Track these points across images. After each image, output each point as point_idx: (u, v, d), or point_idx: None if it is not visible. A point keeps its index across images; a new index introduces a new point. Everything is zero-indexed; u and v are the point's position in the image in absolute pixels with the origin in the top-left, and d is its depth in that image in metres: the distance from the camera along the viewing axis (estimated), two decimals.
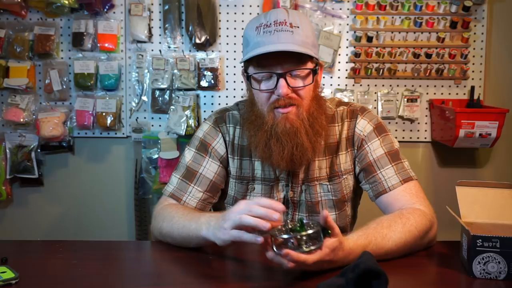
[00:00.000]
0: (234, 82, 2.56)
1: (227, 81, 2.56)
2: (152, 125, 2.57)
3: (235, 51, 2.55)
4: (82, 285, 1.18)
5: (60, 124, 2.50)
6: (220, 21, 2.53)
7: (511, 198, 1.34)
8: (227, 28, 2.54)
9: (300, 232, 1.11)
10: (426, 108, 2.57)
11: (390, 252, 1.27)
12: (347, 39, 2.54)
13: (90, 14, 2.50)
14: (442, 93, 2.57)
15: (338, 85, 2.56)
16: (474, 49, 2.54)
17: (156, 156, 2.50)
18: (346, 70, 2.55)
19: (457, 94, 2.56)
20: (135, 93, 2.54)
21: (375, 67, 2.53)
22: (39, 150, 2.55)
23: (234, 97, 2.55)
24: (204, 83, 2.50)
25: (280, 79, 1.34)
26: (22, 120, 2.50)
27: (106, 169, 2.62)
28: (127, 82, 2.56)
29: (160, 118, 2.56)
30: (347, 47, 2.54)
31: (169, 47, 2.52)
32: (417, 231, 1.32)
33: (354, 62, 2.53)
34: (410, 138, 2.58)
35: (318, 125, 1.42)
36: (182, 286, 1.20)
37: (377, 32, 2.50)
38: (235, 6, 2.53)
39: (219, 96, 2.56)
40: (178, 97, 2.48)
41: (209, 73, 2.50)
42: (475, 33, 2.53)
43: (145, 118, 2.57)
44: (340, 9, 2.52)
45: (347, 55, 2.55)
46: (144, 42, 2.53)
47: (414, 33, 2.52)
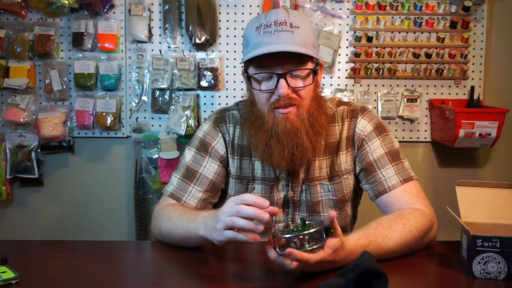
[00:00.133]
0: (234, 82, 2.56)
1: (227, 81, 2.56)
2: (152, 125, 2.57)
3: (235, 51, 2.55)
4: (82, 285, 1.18)
5: (60, 124, 2.50)
6: (220, 21, 2.53)
7: (511, 198, 1.34)
8: (227, 28, 2.54)
9: (302, 231, 1.11)
10: (426, 108, 2.57)
11: (390, 252, 1.27)
12: (347, 39, 2.54)
13: (90, 14, 2.49)
14: (442, 93, 2.57)
15: (338, 85, 2.56)
16: (474, 49, 2.53)
17: (156, 156, 2.50)
18: (346, 70, 2.55)
19: (457, 94, 2.56)
20: (135, 93, 2.54)
21: (375, 67, 2.53)
22: (39, 150, 2.55)
23: (234, 97, 2.55)
24: (204, 83, 2.50)
25: (280, 80, 1.35)
26: (22, 120, 2.49)
27: (106, 169, 2.62)
28: (127, 82, 2.55)
29: (160, 118, 2.56)
30: (347, 47, 2.54)
31: (169, 47, 2.52)
32: (417, 231, 1.32)
33: (354, 62, 2.53)
34: (410, 138, 2.58)
35: (319, 125, 1.42)
36: (182, 286, 1.20)
37: (377, 32, 2.50)
38: (235, 6, 2.53)
39: (219, 96, 2.56)
40: (178, 97, 2.48)
41: (209, 73, 2.50)
42: (475, 33, 2.53)
43: (145, 118, 2.56)
44: (340, 9, 2.52)
45: (347, 55, 2.55)
46: (144, 42, 2.53)
47: (414, 33, 2.52)
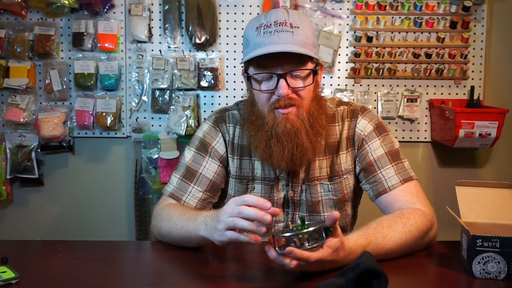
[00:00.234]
0: (234, 82, 2.56)
1: (227, 81, 2.56)
2: (152, 125, 2.57)
3: (235, 51, 2.55)
4: (82, 285, 1.18)
5: (60, 124, 2.50)
6: (220, 21, 2.53)
7: (511, 198, 1.34)
8: (227, 28, 2.54)
9: (302, 230, 1.11)
10: (426, 108, 2.57)
11: (390, 252, 1.27)
12: (347, 39, 2.54)
13: (90, 14, 2.49)
14: (442, 93, 2.57)
15: (338, 85, 2.56)
16: (474, 49, 2.53)
17: (156, 156, 2.50)
18: (346, 70, 2.55)
19: (457, 94, 2.56)
20: (135, 93, 2.54)
21: (375, 67, 2.53)
22: (39, 150, 2.55)
23: (234, 97, 2.55)
24: (204, 83, 2.50)
25: (280, 80, 1.35)
26: (22, 120, 2.50)
27: (106, 169, 2.62)
28: (127, 82, 2.55)
29: (160, 118, 2.56)
30: (347, 47, 2.54)
31: (169, 47, 2.52)
32: (417, 231, 1.32)
33: (354, 62, 2.53)
34: (410, 138, 2.58)
35: (319, 125, 1.42)
36: (182, 286, 1.20)
37: (377, 32, 2.50)
38: (235, 6, 2.53)
39: (219, 96, 2.56)
40: (178, 97, 2.48)
41: (209, 73, 2.50)
42: (475, 33, 2.53)
43: (145, 118, 2.56)
44: (340, 9, 2.52)
45: (347, 55, 2.55)
46: (144, 42, 2.53)
47: (414, 33, 2.52)
